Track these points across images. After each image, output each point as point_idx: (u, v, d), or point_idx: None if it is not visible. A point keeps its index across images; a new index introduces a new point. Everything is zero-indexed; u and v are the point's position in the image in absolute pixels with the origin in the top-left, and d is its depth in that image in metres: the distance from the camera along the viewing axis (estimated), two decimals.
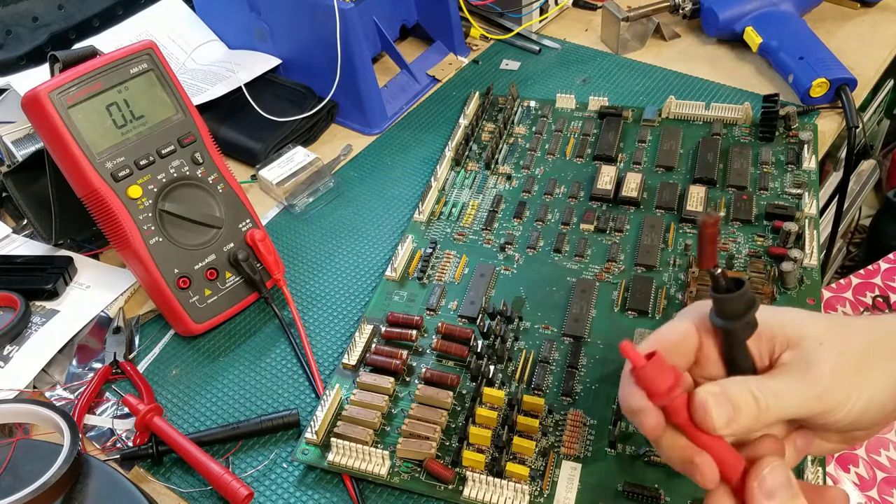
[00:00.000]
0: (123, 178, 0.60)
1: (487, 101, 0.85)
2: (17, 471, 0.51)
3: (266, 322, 0.67)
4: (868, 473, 0.67)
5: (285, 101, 0.86)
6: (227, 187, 0.66)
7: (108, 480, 0.51)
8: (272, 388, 0.61)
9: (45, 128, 0.59)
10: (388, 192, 0.78)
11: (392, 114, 0.88)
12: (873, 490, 0.66)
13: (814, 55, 0.80)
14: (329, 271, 0.71)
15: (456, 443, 0.53)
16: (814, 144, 0.74)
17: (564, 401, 0.56)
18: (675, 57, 0.91)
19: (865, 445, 0.68)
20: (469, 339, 0.60)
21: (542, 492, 0.51)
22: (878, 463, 0.67)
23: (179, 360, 0.64)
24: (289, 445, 0.57)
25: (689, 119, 0.79)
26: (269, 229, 0.73)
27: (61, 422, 0.52)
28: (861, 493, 0.66)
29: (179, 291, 0.63)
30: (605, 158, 0.76)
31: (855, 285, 0.80)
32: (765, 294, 0.60)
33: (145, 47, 0.62)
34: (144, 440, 0.56)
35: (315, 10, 0.81)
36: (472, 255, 0.68)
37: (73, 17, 0.91)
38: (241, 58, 0.90)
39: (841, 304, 0.79)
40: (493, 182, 0.76)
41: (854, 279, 0.81)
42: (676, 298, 0.62)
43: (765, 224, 0.67)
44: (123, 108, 0.61)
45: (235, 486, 0.51)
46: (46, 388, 0.62)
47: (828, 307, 0.83)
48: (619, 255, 0.66)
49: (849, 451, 0.67)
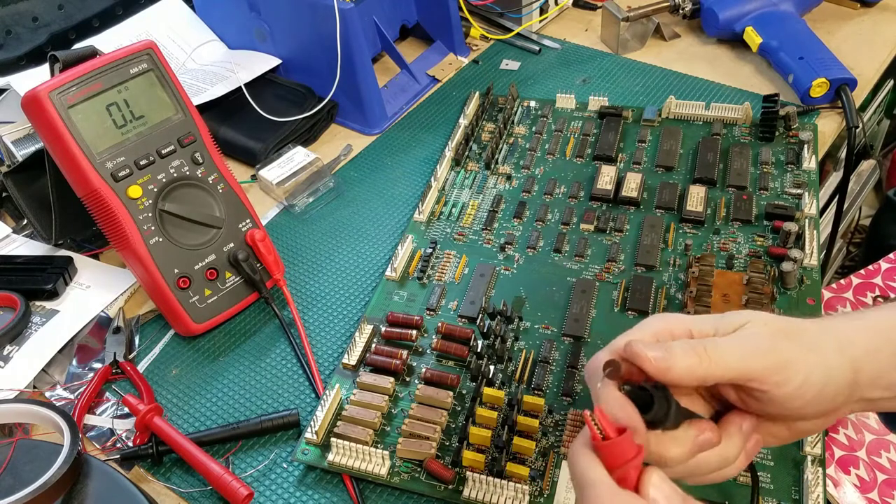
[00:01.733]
0: (123, 178, 0.60)
1: (487, 101, 0.85)
2: (17, 471, 0.51)
3: (266, 322, 0.67)
4: (869, 475, 0.67)
5: (285, 101, 0.86)
6: (227, 187, 0.66)
7: (108, 480, 0.51)
8: (272, 388, 0.61)
9: (45, 128, 0.59)
10: (388, 192, 0.78)
11: (392, 114, 0.88)
12: (874, 492, 0.66)
13: (814, 55, 0.80)
14: (329, 271, 0.71)
15: (456, 443, 0.53)
16: (814, 144, 0.74)
17: (564, 401, 0.56)
18: (675, 57, 0.91)
19: (866, 447, 0.68)
20: (469, 339, 0.60)
21: (542, 492, 0.51)
22: (878, 465, 0.67)
23: (179, 360, 0.64)
24: (289, 445, 0.57)
25: (689, 119, 0.79)
26: (269, 229, 0.73)
27: (61, 422, 0.52)
28: (862, 495, 0.66)
29: (179, 291, 0.63)
30: (605, 158, 0.76)
31: (855, 285, 0.80)
32: (765, 294, 0.60)
33: (145, 47, 0.62)
34: (144, 440, 0.56)
35: (315, 10, 0.81)
36: (472, 255, 0.68)
37: (73, 17, 0.91)
38: (241, 58, 0.90)
39: (841, 303, 0.79)
40: (493, 182, 0.75)
41: (854, 279, 0.81)
42: (676, 298, 0.62)
43: (765, 224, 0.67)
44: (123, 108, 0.61)
45: (235, 486, 0.51)
46: (46, 388, 0.62)
47: (828, 307, 0.83)
48: (619, 255, 0.66)
49: (849, 453, 0.67)
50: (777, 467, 0.50)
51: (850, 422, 0.70)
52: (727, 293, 0.61)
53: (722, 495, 0.49)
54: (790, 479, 0.50)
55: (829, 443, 0.69)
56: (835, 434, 0.70)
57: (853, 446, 0.69)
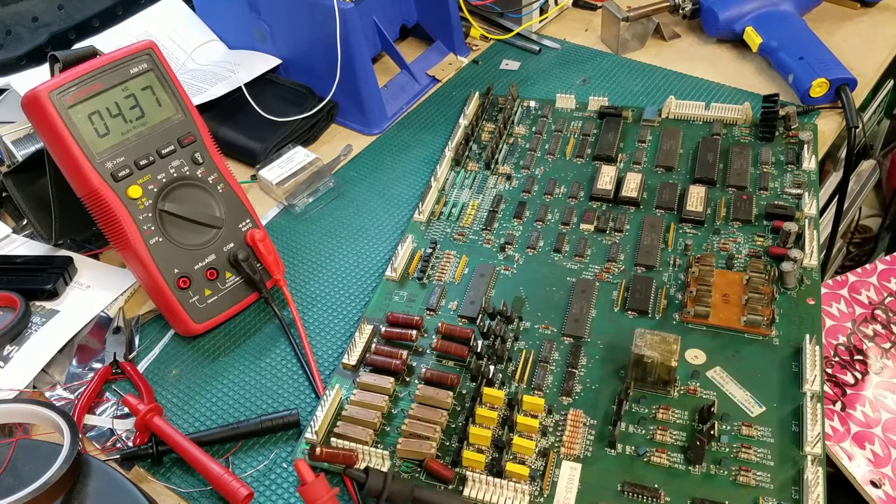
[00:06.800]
0: (123, 178, 0.60)
1: (487, 101, 0.85)
2: (17, 471, 0.51)
3: (266, 322, 0.67)
4: (883, 451, 0.69)
5: (285, 101, 0.86)
6: (227, 187, 0.66)
7: (108, 480, 0.51)
8: (272, 388, 0.61)
9: (45, 128, 0.59)
10: (388, 192, 0.78)
11: (392, 114, 0.88)
12: (887, 467, 0.68)
13: (814, 55, 0.80)
14: (329, 271, 0.71)
15: (456, 443, 0.53)
16: (814, 144, 0.74)
17: (564, 401, 0.56)
18: (675, 57, 0.91)
19: (882, 425, 0.71)
20: (469, 339, 0.60)
21: (542, 492, 0.51)
22: (893, 441, 0.69)
23: (179, 360, 0.64)
24: (289, 445, 0.57)
25: (689, 119, 0.79)
26: (269, 229, 0.73)
27: (61, 422, 0.52)
28: (876, 470, 0.68)
29: (179, 291, 0.63)
30: (605, 158, 0.76)
31: (851, 283, 0.81)
32: (765, 294, 0.60)
33: (145, 47, 0.62)
34: (144, 440, 0.56)
35: (315, 10, 0.81)
36: (471, 255, 0.68)
37: (73, 17, 0.91)
38: (241, 58, 0.90)
39: (836, 300, 0.79)
40: (493, 182, 0.76)
41: (851, 276, 0.82)
42: (676, 298, 0.62)
43: (765, 224, 0.67)
44: (123, 109, 0.61)
45: (235, 486, 0.51)
46: (46, 388, 0.62)
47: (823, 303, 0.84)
48: (619, 255, 0.66)
49: (865, 429, 0.70)
50: (777, 467, 0.50)
51: (867, 400, 0.72)
52: (727, 293, 0.61)
53: (722, 495, 0.49)
54: (790, 479, 0.50)
55: (845, 418, 0.71)
56: (852, 411, 0.72)
57: (869, 423, 0.71)
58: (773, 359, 0.57)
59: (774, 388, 0.55)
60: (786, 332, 0.58)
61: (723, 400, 0.54)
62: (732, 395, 0.55)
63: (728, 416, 0.53)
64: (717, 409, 0.53)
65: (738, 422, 0.53)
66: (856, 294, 0.80)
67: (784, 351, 0.57)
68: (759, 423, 0.53)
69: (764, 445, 0.52)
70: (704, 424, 0.52)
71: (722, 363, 0.57)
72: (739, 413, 0.54)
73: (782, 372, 0.56)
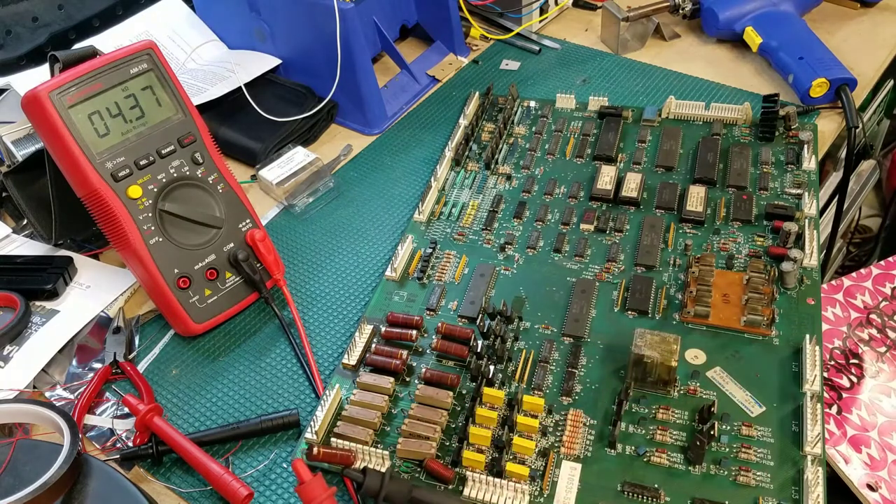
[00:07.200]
0: (123, 178, 0.60)
1: (487, 101, 0.85)
2: (17, 471, 0.51)
3: (266, 322, 0.67)
4: (879, 455, 0.69)
5: (285, 101, 0.86)
6: (227, 187, 0.66)
7: (108, 480, 0.51)
8: (272, 388, 0.61)
9: (45, 128, 0.59)
10: (388, 192, 0.78)
11: (392, 114, 0.88)
12: (884, 471, 0.68)
13: (814, 55, 0.80)
14: (329, 271, 0.71)
15: (456, 443, 0.53)
16: (814, 144, 0.74)
17: (564, 401, 0.56)
18: (675, 57, 0.91)
19: (878, 428, 0.71)
20: (469, 339, 0.60)
21: (542, 492, 0.51)
22: (889, 445, 0.70)
23: (179, 360, 0.64)
24: (289, 445, 0.57)
25: (688, 119, 0.79)
26: (269, 229, 0.73)
27: (61, 422, 0.52)
28: (872, 473, 0.68)
29: (179, 291, 0.63)
30: (605, 158, 0.76)
31: (846, 287, 0.81)
32: (765, 294, 0.60)
33: (145, 47, 0.62)
34: (144, 440, 0.56)
35: (315, 10, 0.81)
36: (471, 255, 0.68)
37: (73, 17, 0.91)
38: (241, 58, 0.90)
39: (831, 304, 0.80)
40: (493, 182, 0.76)
41: (846, 281, 0.82)
42: (676, 298, 0.62)
43: (765, 224, 0.67)
44: (123, 109, 0.61)
45: (235, 486, 0.51)
46: (46, 388, 0.62)
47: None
48: (619, 255, 0.66)
49: (861, 433, 0.70)
50: (777, 467, 0.50)
51: (863, 403, 0.73)
52: (727, 293, 0.61)
53: (722, 495, 0.49)
54: (790, 480, 0.50)
55: (842, 422, 0.71)
56: (848, 414, 0.72)
57: (865, 427, 0.71)
58: (773, 359, 0.57)
59: (774, 389, 0.55)
60: (786, 332, 0.58)
61: (723, 400, 0.55)
62: (732, 395, 0.55)
63: (728, 416, 0.53)
64: (717, 409, 0.53)
65: (738, 422, 0.53)
66: (851, 298, 0.81)
67: (784, 351, 0.57)
68: (759, 423, 0.53)
69: (764, 445, 0.52)
70: (704, 424, 0.52)
71: (722, 363, 0.57)
72: (739, 413, 0.54)
73: (782, 372, 0.56)
